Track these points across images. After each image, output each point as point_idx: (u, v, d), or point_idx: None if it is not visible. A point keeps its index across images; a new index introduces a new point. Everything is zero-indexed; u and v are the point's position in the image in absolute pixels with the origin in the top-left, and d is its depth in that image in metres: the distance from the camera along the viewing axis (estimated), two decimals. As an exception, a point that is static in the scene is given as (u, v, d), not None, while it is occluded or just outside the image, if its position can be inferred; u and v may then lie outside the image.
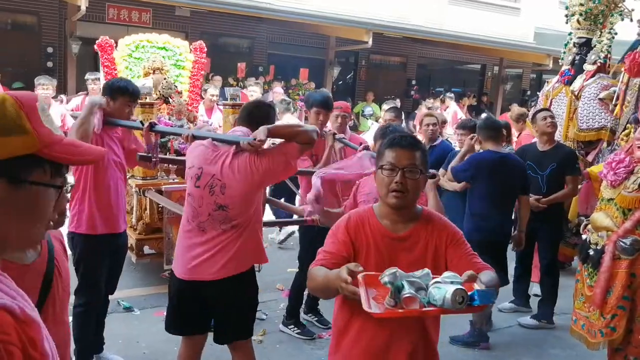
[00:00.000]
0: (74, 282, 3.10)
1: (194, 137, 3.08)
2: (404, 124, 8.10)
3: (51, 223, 1.22)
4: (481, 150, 4.82)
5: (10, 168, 1.12)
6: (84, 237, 3.61)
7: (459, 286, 1.81)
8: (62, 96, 8.49)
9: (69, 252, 2.82)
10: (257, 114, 3.07)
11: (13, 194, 1.13)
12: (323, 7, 13.42)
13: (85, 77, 8.75)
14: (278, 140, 2.96)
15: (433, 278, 1.87)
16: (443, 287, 1.82)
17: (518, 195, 4.67)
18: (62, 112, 7.29)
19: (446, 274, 1.89)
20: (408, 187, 2.13)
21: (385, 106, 8.30)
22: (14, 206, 1.13)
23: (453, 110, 12.10)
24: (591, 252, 3.76)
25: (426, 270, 1.91)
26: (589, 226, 3.90)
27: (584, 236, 3.99)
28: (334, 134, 4.32)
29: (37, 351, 1.05)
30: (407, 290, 1.81)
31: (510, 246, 4.95)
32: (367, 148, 3.84)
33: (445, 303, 1.79)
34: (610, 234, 3.62)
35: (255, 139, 2.77)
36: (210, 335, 3.10)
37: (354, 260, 2.14)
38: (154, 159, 3.29)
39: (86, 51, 10.83)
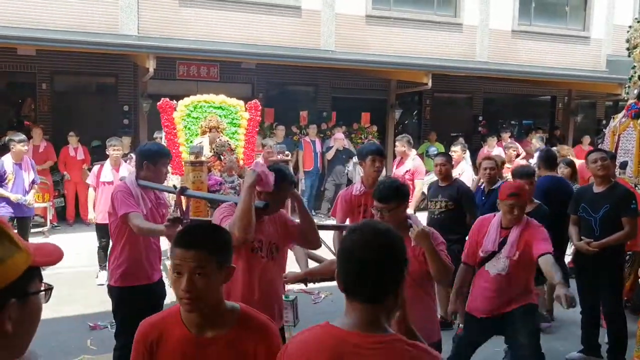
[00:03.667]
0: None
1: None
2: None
3: None
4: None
5: (18, 287, 1.17)
6: (118, 289, 4.03)
7: None
8: (132, 155, 8.92)
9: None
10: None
11: (22, 310, 1.18)
12: (384, 51, 13.57)
13: (154, 136, 9.20)
14: None
15: None
16: None
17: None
18: (130, 171, 7.65)
19: None
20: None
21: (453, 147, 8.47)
22: (22, 321, 1.19)
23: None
24: None
25: None
26: None
27: None
28: None
29: None
30: None
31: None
32: None
33: None
34: None
35: None
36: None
37: None
38: (185, 221, 3.47)
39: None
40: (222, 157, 5.83)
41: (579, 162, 7.37)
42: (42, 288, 1.25)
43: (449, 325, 5.67)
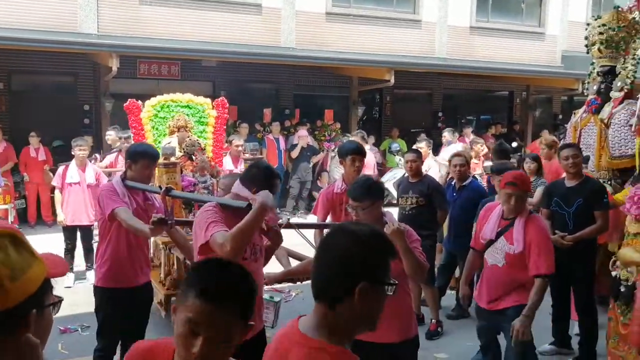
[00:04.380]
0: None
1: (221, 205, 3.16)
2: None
3: None
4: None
5: (37, 298, 1.16)
6: (100, 290, 4.01)
7: None
8: (96, 155, 8.78)
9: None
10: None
11: (38, 322, 1.18)
12: (345, 48, 13.65)
13: (118, 136, 9.06)
14: None
15: None
16: None
17: None
18: (96, 171, 7.54)
19: None
20: None
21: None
22: (38, 334, 1.19)
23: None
24: (622, 289, 3.66)
25: None
26: (618, 262, 3.81)
27: (613, 273, 3.88)
28: None
29: None
30: None
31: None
32: None
33: None
34: None
35: None
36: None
37: None
38: (169, 222, 3.44)
39: (120, 106, 11.20)
40: (193, 157, 5.79)
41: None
42: (53, 300, 1.24)
43: (420, 320, 5.78)
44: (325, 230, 4.79)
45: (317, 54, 13.00)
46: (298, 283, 4.39)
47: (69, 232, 7.36)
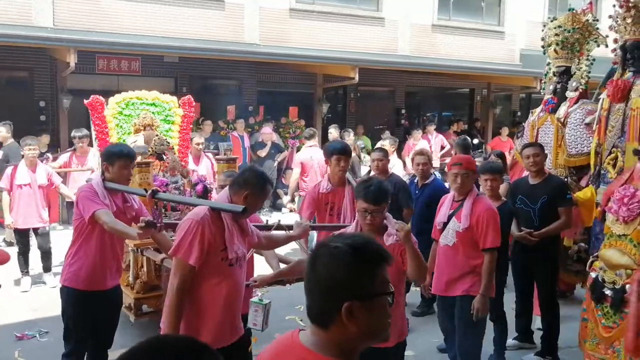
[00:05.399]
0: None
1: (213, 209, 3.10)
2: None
3: None
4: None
5: None
6: (67, 290, 3.91)
7: None
8: (48, 154, 8.51)
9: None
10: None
11: None
12: (308, 45, 13.62)
13: (72, 135, 8.79)
14: None
15: None
16: None
17: None
18: (48, 172, 7.27)
19: None
20: None
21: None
22: None
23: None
24: (608, 292, 3.59)
25: None
26: (597, 263, 3.73)
27: (592, 274, 3.83)
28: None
29: None
30: None
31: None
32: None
33: None
34: (631, 273, 3.47)
35: None
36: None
37: None
38: (159, 225, 3.36)
39: (78, 103, 10.94)
40: (164, 157, 5.67)
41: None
42: None
43: None
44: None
45: (280, 51, 12.94)
46: (287, 286, 4.34)
47: (21, 235, 7.10)
